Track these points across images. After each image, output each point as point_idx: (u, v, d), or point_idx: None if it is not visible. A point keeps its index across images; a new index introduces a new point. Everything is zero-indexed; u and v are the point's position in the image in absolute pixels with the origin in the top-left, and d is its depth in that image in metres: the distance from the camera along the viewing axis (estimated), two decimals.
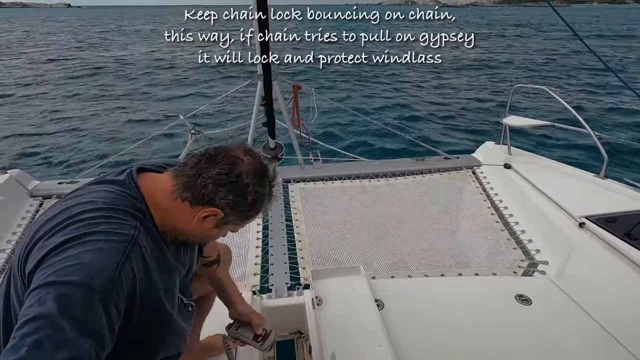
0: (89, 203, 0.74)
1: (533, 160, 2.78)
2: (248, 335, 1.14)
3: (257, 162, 0.81)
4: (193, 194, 0.77)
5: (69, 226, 0.69)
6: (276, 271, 1.93)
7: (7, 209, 2.31)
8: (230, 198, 0.77)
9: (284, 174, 2.92)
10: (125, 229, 0.71)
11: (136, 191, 0.79)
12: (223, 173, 0.76)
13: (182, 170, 0.79)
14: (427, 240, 2.25)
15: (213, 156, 0.78)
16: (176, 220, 0.80)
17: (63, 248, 0.65)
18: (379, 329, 1.29)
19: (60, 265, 0.63)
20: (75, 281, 0.61)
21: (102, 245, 0.67)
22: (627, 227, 1.81)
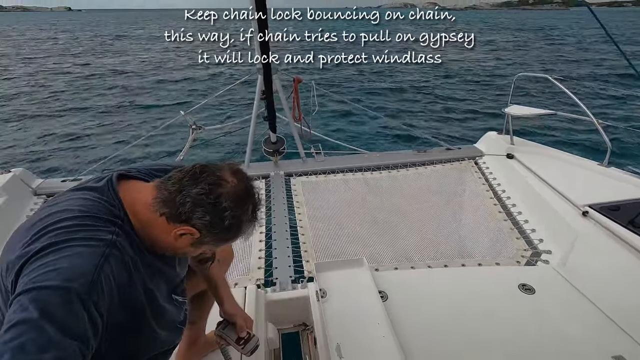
0: (65, 211, 0.74)
1: (536, 150, 2.76)
2: (232, 336, 1.14)
3: (241, 185, 0.79)
4: (171, 211, 0.76)
5: (46, 234, 0.69)
6: (280, 265, 1.94)
7: (11, 208, 2.32)
8: (207, 220, 0.75)
9: (286, 167, 2.92)
10: (102, 235, 0.71)
11: (114, 199, 0.78)
12: (202, 193, 0.74)
13: (165, 184, 0.78)
14: (430, 232, 2.25)
15: (198, 174, 0.77)
16: (153, 233, 0.80)
17: (41, 255, 0.66)
18: (383, 320, 1.30)
19: (39, 272, 0.63)
20: (54, 285, 0.61)
21: (80, 250, 0.67)
22: (630, 215, 1.81)
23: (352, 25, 28.25)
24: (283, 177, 2.81)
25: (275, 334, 1.58)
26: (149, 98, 10.61)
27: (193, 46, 20.56)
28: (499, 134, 3.04)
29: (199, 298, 1.26)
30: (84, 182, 0.85)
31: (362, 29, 3.85)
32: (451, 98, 9.74)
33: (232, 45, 3.02)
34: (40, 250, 0.67)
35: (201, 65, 14.93)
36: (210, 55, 3.17)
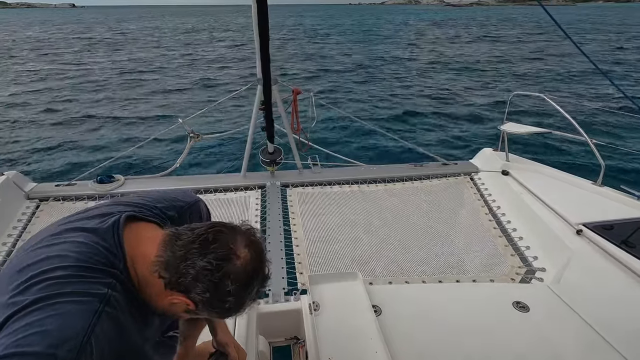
0: (60, 258, 0.67)
1: (530, 167, 2.79)
2: None
3: (252, 263, 0.74)
4: (170, 278, 0.70)
5: (34, 286, 0.63)
6: (273, 276, 1.92)
7: (3, 211, 2.30)
8: (207, 297, 0.71)
9: (283, 178, 2.92)
10: (97, 288, 0.66)
11: (116, 247, 0.73)
12: (208, 269, 0.69)
13: (171, 244, 0.72)
14: (425, 246, 2.25)
15: (209, 242, 0.71)
16: (148, 291, 0.75)
17: (25, 312, 0.59)
18: (376, 335, 1.29)
19: (23, 333, 0.57)
20: (37, 352, 0.56)
21: (70, 308, 0.61)
22: (624, 234, 1.82)
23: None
24: (279, 188, 2.80)
25: (266, 347, 1.56)
26: (147, 104, 10.63)
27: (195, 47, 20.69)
28: (495, 150, 3.07)
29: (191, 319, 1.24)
30: (88, 214, 0.79)
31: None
32: (447, 111, 9.85)
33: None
34: (27, 305, 0.60)
35: (201, 73, 15.04)
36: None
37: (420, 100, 11.36)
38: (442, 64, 17.16)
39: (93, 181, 2.70)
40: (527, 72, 15.03)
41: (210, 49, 23.02)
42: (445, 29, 36.09)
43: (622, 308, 1.58)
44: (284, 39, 29.27)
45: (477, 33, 31.17)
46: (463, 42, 25.57)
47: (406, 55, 19.55)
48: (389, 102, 11.13)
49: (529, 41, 24.87)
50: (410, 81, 14.21)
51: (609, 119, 8.90)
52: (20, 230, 2.25)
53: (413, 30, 36.48)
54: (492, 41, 25.46)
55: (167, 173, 2.95)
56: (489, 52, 20.17)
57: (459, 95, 11.87)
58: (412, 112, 10.06)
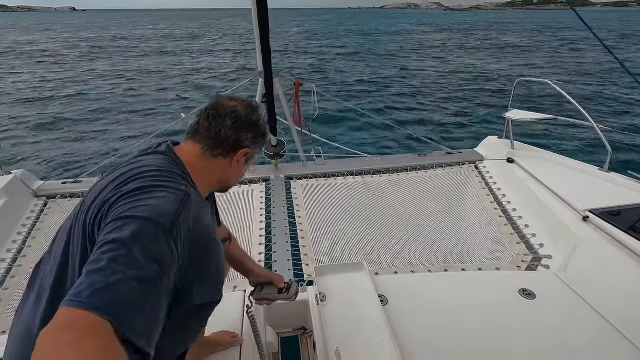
0: (147, 166, 0.85)
1: (536, 154, 2.76)
2: (273, 292, 1.27)
3: (245, 102, 0.99)
4: (224, 147, 0.94)
5: (135, 180, 0.81)
6: (280, 268, 1.93)
7: (12, 209, 2.32)
8: (251, 135, 0.97)
9: (287, 171, 2.93)
10: (180, 186, 0.83)
11: (178, 160, 0.91)
12: (235, 121, 0.94)
13: (200, 136, 0.94)
14: (430, 236, 2.25)
15: (216, 114, 0.94)
16: (215, 175, 0.97)
17: (135, 193, 0.77)
18: (382, 324, 1.29)
19: (134, 205, 0.74)
20: (145, 217, 0.72)
21: (165, 194, 0.79)
22: (631, 220, 1.80)
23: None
24: (283, 181, 2.81)
25: (275, 338, 1.58)
26: (150, 101, 10.64)
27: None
28: (500, 138, 3.04)
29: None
30: (145, 149, 0.98)
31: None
32: (451, 100, 9.76)
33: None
34: (132, 190, 0.78)
35: (203, 67, 15.00)
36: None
37: (423, 90, 11.25)
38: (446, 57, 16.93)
39: (99, 178, 2.72)
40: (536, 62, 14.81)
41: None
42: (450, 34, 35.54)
43: (630, 294, 1.57)
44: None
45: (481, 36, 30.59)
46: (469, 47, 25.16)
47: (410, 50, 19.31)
48: (392, 92, 11.04)
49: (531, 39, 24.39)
50: (414, 72, 14.07)
51: (616, 104, 8.77)
52: (29, 228, 2.27)
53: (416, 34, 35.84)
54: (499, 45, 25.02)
55: None
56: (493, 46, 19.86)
57: (463, 84, 11.74)
58: (415, 102, 9.97)
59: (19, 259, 2.06)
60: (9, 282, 1.92)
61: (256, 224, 2.36)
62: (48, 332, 0.55)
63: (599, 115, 7.88)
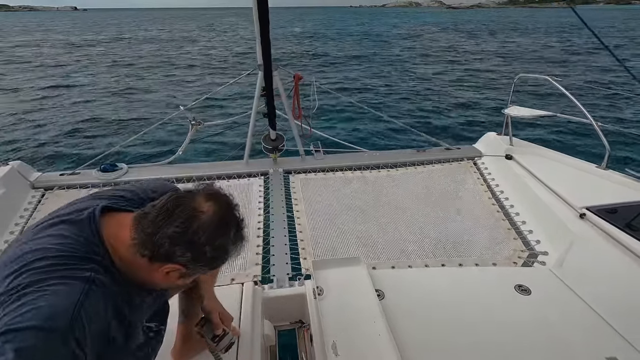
0: (42, 250, 0.71)
1: (534, 151, 2.76)
2: (208, 334, 1.13)
3: (219, 211, 0.78)
4: (151, 252, 0.75)
5: (21, 275, 0.67)
6: (277, 261, 1.94)
7: (9, 201, 2.32)
8: (189, 256, 0.76)
9: (285, 164, 2.92)
10: (80, 273, 0.70)
11: (95, 236, 0.76)
12: (178, 232, 0.74)
13: (141, 224, 0.77)
14: (428, 231, 2.25)
15: (171, 210, 0.76)
16: (139, 273, 0.79)
17: (17, 295, 0.63)
18: (379, 318, 1.30)
19: (17, 312, 0.61)
20: (32, 326, 0.59)
21: (58, 289, 0.65)
22: (627, 218, 1.81)
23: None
24: (282, 174, 2.81)
25: (272, 330, 1.59)
26: (149, 93, 10.57)
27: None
28: (498, 134, 3.04)
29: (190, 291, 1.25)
30: (66, 209, 0.83)
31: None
32: (450, 96, 9.74)
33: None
34: (17, 290, 0.64)
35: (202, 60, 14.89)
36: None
37: (423, 85, 11.22)
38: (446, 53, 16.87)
39: (97, 170, 2.71)
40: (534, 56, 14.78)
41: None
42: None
43: (625, 291, 1.58)
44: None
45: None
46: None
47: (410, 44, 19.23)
48: (392, 87, 11.00)
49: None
50: (413, 67, 14.02)
51: (615, 102, 8.77)
52: (26, 219, 2.27)
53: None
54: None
55: (170, 161, 2.95)
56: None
57: (462, 80, 11.70)
58: (414, 97, 9.94)
59: None
60: None
61: (254, 217, 2.36)
62: None
63: (598, 113, 7.89)
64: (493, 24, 37.82)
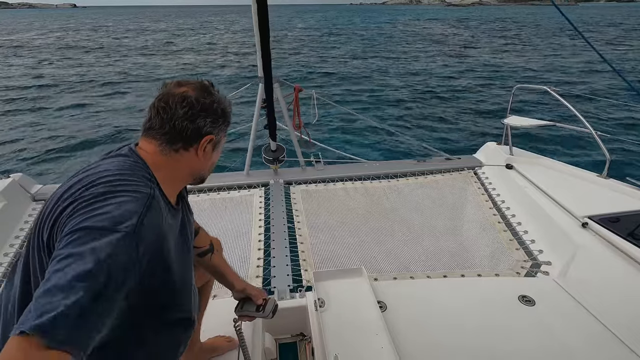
0: (103, 171, 0.79)
1: (535, 161, 2.77)
2: (251, 308, 1.23)
3: (196, 84, 0.90)
4: (183, 140, 0.86)
5: (92, 187, 0.75)
6: (278, 273, 1.93)
7: (10, 213, 2.32)
8: (210, 120, 0.87)
9: (286, 175, 2.93)
10: (143, 189, 0.78)
11: (140, 160, 0.85)
12: (188, 109, 0.84)
13: (154, 132, 0.86)
14: (429, 242, 2.24)
15: (165, 105, 0.85)
16: (182, 169, 0.89)
17: (92, 201, 0.72)
18: (381, 330, 1.29)
19: (91, 214, 0.69)
20: (104, 226, 0.67)
21: (125, 199, 0.73)
22: (630, 227, 1.81)
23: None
24: (282, 185, 2.81)
25: (273, 344, 1.57)
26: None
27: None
28: (498, 144, 3.05)
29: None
30: (106, 153, 0.92)
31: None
32: (450, 106, 9.80)
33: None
34: (89, 197, 0.72)
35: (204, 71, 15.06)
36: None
37: (422, 95, 11.30)
38: (445, 59, 17.05)
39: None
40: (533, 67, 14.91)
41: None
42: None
43: (628, 301, 1.57)
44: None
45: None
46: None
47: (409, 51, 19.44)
48: (391, 98, 11.08)
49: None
50: (414, 76, 14.15)
51: (614, 111, 8.82)
52: (27, 232, 2.27)
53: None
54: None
55: None
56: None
57: (462, 90, 11.80)
58: (414, 107, 10.01)
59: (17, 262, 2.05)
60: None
61: (255, 229, 2.36)
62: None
63: (597, 122, 7.92)
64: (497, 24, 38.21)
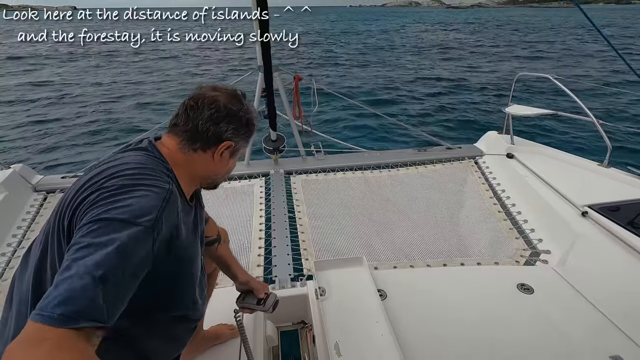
0: (125, 164, 0.80)
1: (536, 150, 2.76)
2: (252, 301, 1.24)
3: (228, 91, 0.91)
4: (203, 141, 0.87)
5: (115, 178, 0.76)
6: (279, 262, 1.94)
7: (11, 204, 2.32)
8: (232, 126, 0.89)
9: (286, 165, 2.92)
10: (162, 184, 0.79)
11: (159, 155, 0.87)
12: (214, 112, 0.86)
13: (178, 129, 0.88)
14: (430, 230, 2.25)
15: (195, 105, 0.87)
16: (197, 170, 0.91)
17: (113, 193, 0.73)
18: (381, 318, 1.30)
19: (112, 205, 0.70)
20: (125, 219, 0.68)
21: (146, 193, 0.74)
22: (630, 216, 1.81)
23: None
24: (283, 175, 2.81)
25: (274, 331, 1.59)
26: (150, 95, 10.60)
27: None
28: (499, 133, 3.04)
29: None
30: (126, 146, 0.93)
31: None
32: (451, 95, 9.73)
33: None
34: (111, 189, 0.73)
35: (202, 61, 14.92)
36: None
37: (423, 84, 11.22)
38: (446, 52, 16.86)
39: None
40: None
41: None
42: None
43: (627, 289, 1.58)
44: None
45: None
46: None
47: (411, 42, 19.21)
48: (392, 87, 11.00)
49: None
50: (413, 66, 14.01)
51: (616, 100, 8.75)
52: (29, 222, 2.28)
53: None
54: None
55: None
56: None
57: (463, 78, 11.70)
58: (415, 96, 9.94)
59: (18, 251, 2.06)
60: (8, 273, 1.94)
61: (256, 218, 2.36)
62: (17, 347, 0.54)
63: (599, 111, 7.87)
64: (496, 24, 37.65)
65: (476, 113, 8.47)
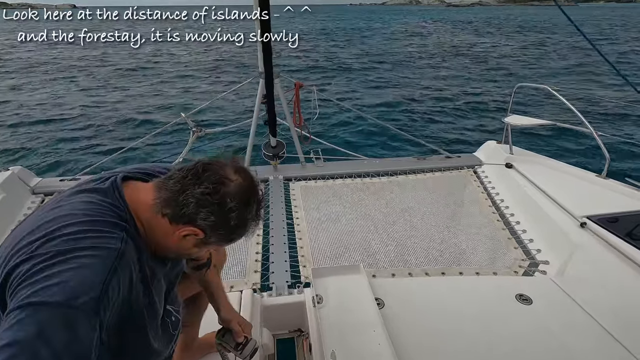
0: (70, 216, 0.69)
1: (535, 160, 2.77)
2: (230, 343, 1.14)
3: (246, 183, 0.77)
4: (174, 211, 0.74)
5: (48, 242, 0.64)
6: (277, 269, 1.93)
7: (9, 206, 2.32)
8: (212, 220, 0.74)
9: (285, 172, 2.92)
10: (111, 243, 0.67)
11: (120, 201, 0.75)
12: (207, 193, 0.73)
13: (165, 184, 0.76)
14: (428, 239, 2.25)
15: (200, 172, 0.74)
16: (156, 235, 0.78)
17: (46, 265, 0.61)
18: (379, 327, 1.29)
19: (40, 285, 0.58)
20: (56, 302, 0.57)
21: (86, 261, 0.63)
22: (628, 227, 1.81)
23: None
24: (282, 182, 2.81)
25: (270, 339, 1.57)
26: (150, 98, 10.63)
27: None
28: (498, 143, 3.05)
29: (193, 301, 1.25)
30: (86, 182, 0.81)
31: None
32: (450, 104, 9.79)
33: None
34: (46, 258, 0.62)
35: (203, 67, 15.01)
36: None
37: (423, 92, 11.28)
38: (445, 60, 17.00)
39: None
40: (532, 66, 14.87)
41: None
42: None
43: (626, 301, 1.57)
44: None
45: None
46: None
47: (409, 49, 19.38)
48: (392, 95, 11.06)
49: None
50: (413, 74, 14.11)
51: (615, 111, 8.81)
52: None
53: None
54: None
55: None
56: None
57: (463, 88, 11.77)
58: (415, 105, 9.99)
59: None
60: None
61: None
62: None
63: (598, 122, 7.91)
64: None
65: (475, 122, 8.51)
